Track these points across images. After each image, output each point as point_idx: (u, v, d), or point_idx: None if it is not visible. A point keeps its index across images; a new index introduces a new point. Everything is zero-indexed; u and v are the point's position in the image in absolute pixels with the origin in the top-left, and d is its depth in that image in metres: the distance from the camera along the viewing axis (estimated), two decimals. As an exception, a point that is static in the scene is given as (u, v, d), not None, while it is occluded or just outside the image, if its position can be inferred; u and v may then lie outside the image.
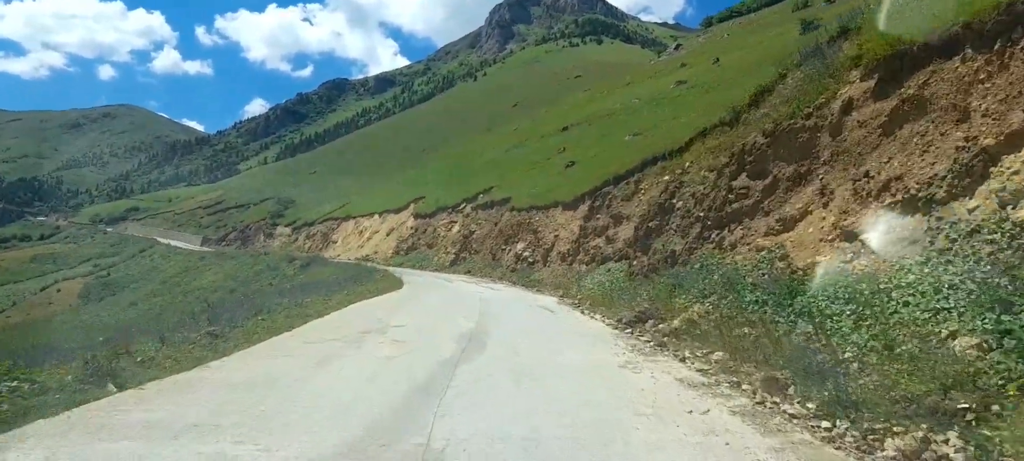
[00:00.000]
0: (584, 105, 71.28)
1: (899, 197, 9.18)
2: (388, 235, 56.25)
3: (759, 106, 17.93)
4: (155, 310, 49.82)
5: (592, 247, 23.31)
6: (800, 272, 10.07)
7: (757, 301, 9.86)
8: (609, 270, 20.54)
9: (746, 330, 8.79)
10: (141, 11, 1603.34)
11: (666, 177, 20.27)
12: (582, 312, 15.97)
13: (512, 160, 56.62)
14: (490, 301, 18.92)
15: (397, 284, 24.35)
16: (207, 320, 11.11)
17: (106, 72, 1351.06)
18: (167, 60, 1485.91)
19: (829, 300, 8.22)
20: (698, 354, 8.64)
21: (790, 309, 8.75)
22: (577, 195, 26.68)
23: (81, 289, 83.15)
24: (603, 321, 13.58)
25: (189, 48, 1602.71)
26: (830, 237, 10.27)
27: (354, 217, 66.74)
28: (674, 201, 18.45)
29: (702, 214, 16.02)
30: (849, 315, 7.55)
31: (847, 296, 8.01)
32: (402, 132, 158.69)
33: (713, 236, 15.09)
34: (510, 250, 31.26)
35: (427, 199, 54.97)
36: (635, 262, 19.05)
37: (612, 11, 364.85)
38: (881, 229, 9.16)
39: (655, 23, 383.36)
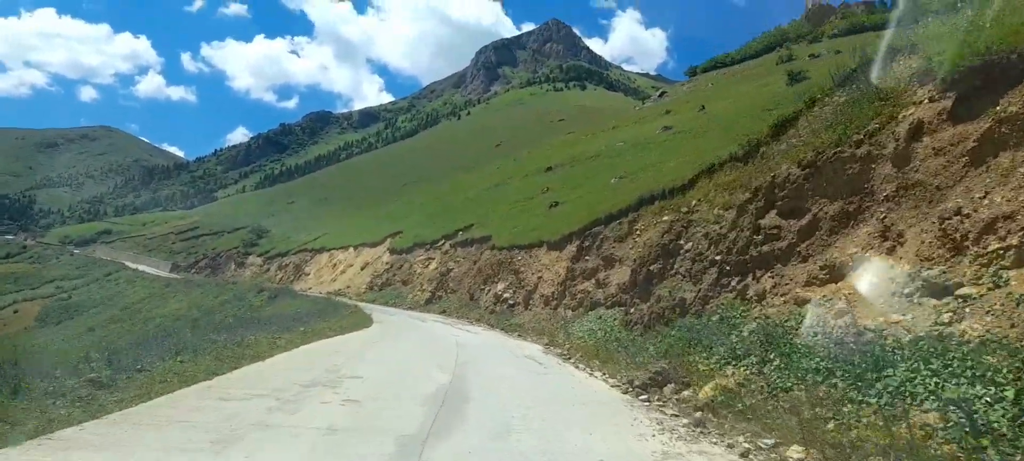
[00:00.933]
0: (568, 146, 69.68)
1: (1013, 241, 7.01)
2: (363, 269, 53.66)
3: (780, 139, 15.94)
4: (111, 336, 46.67)
5: (580, 291, 21.01)
6: (872, 333, 7.80)
7: (819, 370, 7.57)
8: (600, 317, 18.27)
9: (818, 411, 6.46)
10: (127, 35, 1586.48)
11: (667, 216, 18.14)
12: (576, 366, 13.56)
13: (494, 199, 54.57)
14: (467, 346, 16.50)
15: (366, 322, 21.84)
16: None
17: (88, 93, 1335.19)
18: (151, 84, 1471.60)
19: (943, 377, 5.95)
20: (761, 445, 6.23)
21: (879, 384, 6.46)
22: (564, 235, 24.45)
23: (40, 311, 79.69)
24: (606, 381, 11.16)
25: (174, 74, 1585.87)
26: (907, 290, 8.03)
27: (328, 249, 64.02)
28: (681, 242, 16.25)
29: (719, 257, 13.80)
30: (987, 401, 5.27)
31: (971, 371, 5.75)
32: (383, 166, 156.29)
33: (734, 283, 12.84)
34: (489, 291, 28.87)
35: (404, 234, 52.63)
36: (633, 310, 16.77)
37: (596, 59, 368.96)
38: (988, 282, 6.97)
39: (637, 73, 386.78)
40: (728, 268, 13.31)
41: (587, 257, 21.77)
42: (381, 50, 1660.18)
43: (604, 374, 11.84)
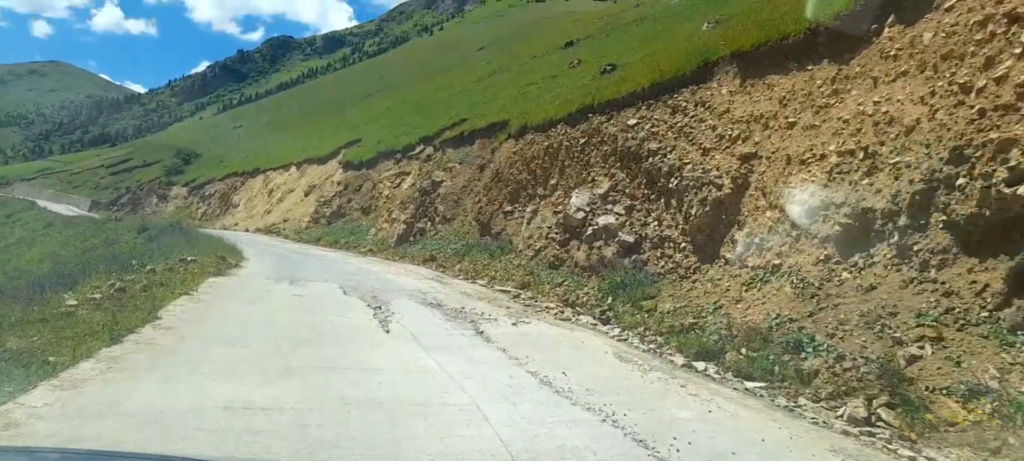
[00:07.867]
0: (583, 24, 52.88)
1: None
2: (307, 195, 37.19)
3: None
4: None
5: None
6: None
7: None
8: None
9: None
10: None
11: None
12: None
13: (491, 87, 38.07)
14: None
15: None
16: None
17: (41, 28, 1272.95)
18: (108, 18, 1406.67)
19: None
20: None
21: None
22: None
23: (-80, 263, 62.76)
24: None
25: (132, 6, 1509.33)
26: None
27: (263, 171, 47.20)
28: None
29: None
30: None
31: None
32: (345, 81, 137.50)
33: None
34: (534, 211, 12.65)
35: (365, 143, 36.21)
36: None
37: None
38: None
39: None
40: None
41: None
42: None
43: None
